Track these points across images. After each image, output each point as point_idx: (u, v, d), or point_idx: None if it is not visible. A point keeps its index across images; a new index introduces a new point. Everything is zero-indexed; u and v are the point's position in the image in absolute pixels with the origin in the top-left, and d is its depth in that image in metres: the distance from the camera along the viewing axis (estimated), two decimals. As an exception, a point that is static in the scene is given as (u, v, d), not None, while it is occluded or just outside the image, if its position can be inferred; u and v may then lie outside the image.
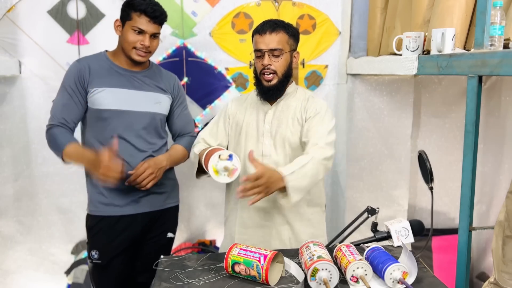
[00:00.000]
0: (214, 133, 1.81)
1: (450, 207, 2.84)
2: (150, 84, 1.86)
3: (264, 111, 1.76)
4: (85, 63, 1.80)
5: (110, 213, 1.82)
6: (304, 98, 1.76)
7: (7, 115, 2.38)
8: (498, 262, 1.60)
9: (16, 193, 2.46)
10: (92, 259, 1.85)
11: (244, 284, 1.30)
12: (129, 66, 1.84)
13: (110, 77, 1.80)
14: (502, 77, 2.57)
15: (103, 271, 1.87)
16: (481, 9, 1.55)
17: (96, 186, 1.82)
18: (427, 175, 1.55)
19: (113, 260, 1.85)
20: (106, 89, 1.78)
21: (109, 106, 1.78)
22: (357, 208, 2.59)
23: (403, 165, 2.71)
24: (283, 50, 1.67)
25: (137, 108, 1.82)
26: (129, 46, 1.76)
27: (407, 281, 1.25)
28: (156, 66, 1.96)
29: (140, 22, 1.73)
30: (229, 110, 1.82)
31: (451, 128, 2.79)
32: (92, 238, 1.87)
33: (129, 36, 1.75)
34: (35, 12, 2.35)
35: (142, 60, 1.80)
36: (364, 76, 2.60)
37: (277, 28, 1.67)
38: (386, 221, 1.53)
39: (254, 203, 1.45)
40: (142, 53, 1.77)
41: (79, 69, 1.78)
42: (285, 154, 1.71)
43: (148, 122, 1.84)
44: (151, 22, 1.74)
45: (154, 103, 1.86)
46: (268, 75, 1.67)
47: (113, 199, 1.82)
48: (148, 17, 1.73)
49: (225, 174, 1.50)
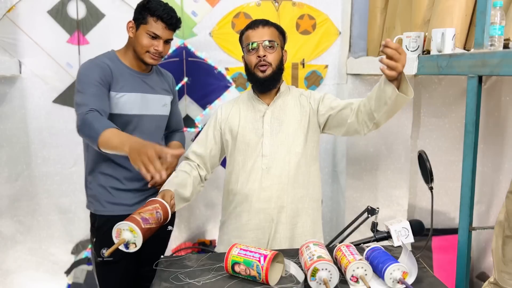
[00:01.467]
0: (203, 142, 1.80)
1: (450, 207, 2.84)
2: (157, 87, 1.90)
3: (261, 112, 1.75)
4: (103, 63, 1.76)
5: (119, 212, 1.82)
6: (299, 94, 1.81)
7: (7, 115, 2.39)
8: (498, 262, 1.60)
9: (16, 193, 2.46)
10: (102, 257, 1.85)
11: (244, 284, 1.30)
12: (138, 68, 1.85)
13: (126, 81, 1.79)
14: (502, 77, 2.57)
15: (112, 268, 1.87)
16: (481, 9, 1.55)
17: (104, 186, 1.83)
18: (427, 175, 1.55)
19: (124, 256, 1.85)
20: (126, 94, 1.77)
21: (128, 111, 1.78)
22: (357, 208, 2.59)
23: (403, 165, 2.71)
24: (276, 42, 1.70)
25: (149, 111, 1.85)
26: (143, 49, 1.76)
27: (407, 281, 1.25)
28: (156, 67, 1.97)
29: (156, 28, 1.73)
30: (219, 117, 1.81)
31: (451, 128, 2.79)
32: (102, 236, 1.86)
33: (143, 40, 1.75)
34: (35, 12, 2.35)
35: (154, 63, 1.81)
36: (364, 76, 2.59)
37: (268, 24, 1.73)
38: (386, 221, 1.53)
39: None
40: (155, 57, 1.78)
41: (101, 67, 1.73)
42: (286, 152, 1.71)
43: (157, 125, 1.88)
44: (166, 28, 1.75)
45: (162, 106, 1.90)
46: (263, 66, 1.68)
47: (121, 199, 1.83)
48: (165, 24, 1.74)
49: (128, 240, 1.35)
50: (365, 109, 1.58)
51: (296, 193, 1.72)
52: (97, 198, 1.86)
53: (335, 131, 1.76)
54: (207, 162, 1.80)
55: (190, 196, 1.70)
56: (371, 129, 1.62)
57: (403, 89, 1.46)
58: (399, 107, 1.52)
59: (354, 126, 1.64)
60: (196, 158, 1.79)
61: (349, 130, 1.67)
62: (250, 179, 1.71)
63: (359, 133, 1.66)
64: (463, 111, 1.61)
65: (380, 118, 1.56)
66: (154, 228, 1.41)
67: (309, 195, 1.75)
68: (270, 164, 1.70)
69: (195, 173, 1.75)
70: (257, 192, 1.70)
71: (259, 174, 1.70)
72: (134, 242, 1.34)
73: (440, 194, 2.80)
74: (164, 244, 2.01)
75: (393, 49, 1.36)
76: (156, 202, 1.48)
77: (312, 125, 1.76)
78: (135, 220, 1.35)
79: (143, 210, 1.42)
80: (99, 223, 1.87)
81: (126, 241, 1.33)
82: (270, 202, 1.70)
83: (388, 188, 2.73)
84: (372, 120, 1.58)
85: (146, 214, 1.40)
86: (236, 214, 1.76)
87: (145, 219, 1.37)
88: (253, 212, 1.71)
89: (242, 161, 1.74)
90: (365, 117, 1.59)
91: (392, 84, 1.44)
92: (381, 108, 1.52)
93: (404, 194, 2.75)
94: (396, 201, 2.75)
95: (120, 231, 1.34)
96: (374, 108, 1.54)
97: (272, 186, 1.69)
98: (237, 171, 1.75)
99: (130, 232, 1.33)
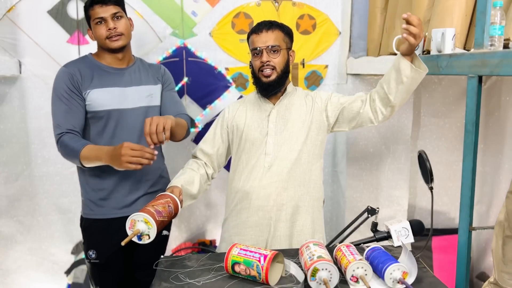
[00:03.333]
0: (211, 140, 1.83)
1: (450, 207, 2.84)
2: (139, 78, 1.87)
3: (267, 111, 1.77)
4: (73, 67, 1.80)
5: (104, 216, 1.83)
6: (305, 94, 1.82)
7: (7, 115, 2.38)
8: (498, 262, 1.60)
9: (16, 193, 2.46)
10: (90, 258, 1.86)
11: (244, 284, 1.30)
12: (115, 64, 1.84)
13: (99, 78, 1.80)
14: (502, 77, 2.57)
15: (102, 270, 1.87)
16: (481, 9, 1.55)
17: (91, 188, 1.83)
18: (427, 175, 1.55)
19: (111, 259, 1.86)
20: (97, 90, 1.78)
21: (103, 107, 1.78)
22: (357, 208, 2.60)
23: (403, 165, 2.71)
24: (280, 46, 1.70)
25: (130, 105, 1.82)
26: (102, 39, 1.78)
27: (407, 281, 1.24)
28: (140, 60, 1.96)
29: (96, 13, 1.76)
30: (226, 116, 1.84)
31: (451, 128, 2.79)
32: (88, 238, 1.88)
33: (96, 31, 1.78)
34: (35, 12, 2.35)
35: (119, 44, 1.79)
36: (364, 76, 2.59)
37: (273, 27, 1.71)
38: (386, 221, 1.53)
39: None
40: (114, 37, 1.77)
41: (70, 74, 1.77)
42: (288, 151, 1.72)
43: (144, 117, 1.82)
44: (103, 6, 1.76)
45: (146, 97, 1.86)
46: (267, 70, 1.69)
47: (109, 202, 1.83)
48: (98, 3, 1.76)
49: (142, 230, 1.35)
50: (378, 95, 1.67)
51: (296, 191, 1.72)
52: (85, 201, 1.87)
53: (346, 125, 1.79)
54: (214, 161, 1.83)
55: (197, 194, 1.73)
56: (386, 115, 1.70)
57: (417, 66, 1.57)
58: (414, 85, 1.62)
59: (368, 115, 1.72)
60: (203, 156, 1.82)
61: (363, 120, 1.74)
62: (251, 177, 1.72)
63: (373, 122, 1.73)
64: (463, 111, 1.61)
65: (396, 100, 1.63)
66: (166, 221, 1.42)
67: (310, 193, 1.75)
68: (272, 162, 1.71)
69: (202, 171, 1.78)
70: (257, 190, 1.71)
71: (260, 172, 1.72)
72: (148, 234, 1.34)
73: (440, 194, 2.80)
74: (160, 249, 1.97)
75: (417, 23, 1.48)
76: (167, 197, 1.48)
77: (317, 123, 1.77)
78: (149, 212, 1.35)
79: (155, 203, 1.42)
80: (85, 224, 1.88)
81: (140, 232, 1.32)
82: (269, 199, 1.70)
83: (388, 188, 2.73)
84: (388, 104, 1.66)
85: (159, 207, 1.40)
86: (237, 211, 1.77)
87: (158, 212, 1.37)
88: (253, 209, 1.72)
89: (246, 159, 1.75)
90: (379, 103, 1.68)
91: (407, 60, 1.55)
92: (397, 88, 1.60)
93: (404, 194, 2.75)
94: (396, 201, 2.75)
95: (135, 222, 1.33)
96: (389, 91, 1.62)
97: (272, 184, 1.70)
98: (241, 169, 1.76)
99: (145, 224, 1.32)
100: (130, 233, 1.32)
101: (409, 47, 1.53)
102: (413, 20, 1.48)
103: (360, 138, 2.68)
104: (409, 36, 1.49)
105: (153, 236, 1.34)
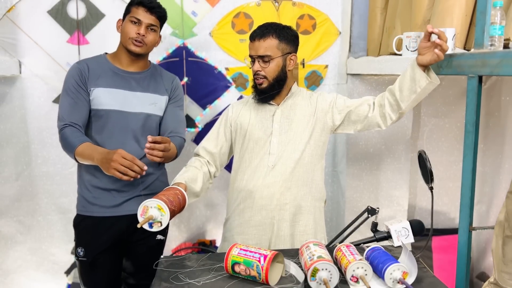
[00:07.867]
0: (214, 139, 1.84)
1: (450, 207, 2.84)
2: (147, 85, 1.87)
3: (271, 111, 1.77)
4: (84, 64, 1.83)
5: (95, 214, 1.83)
6: (309, 95, 1.82)
7: (7, 115, 2.38)
8: (498, 262, 1.60)
9: (16, 193, 2.46)
10: (78, 256, 1.86)
11: (244, 284, 1.30)
12: (128, 67, 1.85)
13: (106, 77, 1.82)
14: (502, 77, 2.57)
15: (90, 269, 1.86)
16: (481, 9, 1.55)
17: (85, 185, 1.84)
18: (427, 175, 1.55)
19: (98, 258, 1.84)
20: (101, 89, 1.79)
21: (105, 106, 1.79)
22: (357, 208, 2.60)
23: (403, 165, 2.71)
24: (272, 56, 1.69)
25: (132, 109, 1.82)
26: (127, 37, 1.79)
27: (407, 281, 1.25)
28: (156, 67, 1.96)
29: (137, 13, 1.79)
30: (229, 115, 1.84)
31: (451, 128, 2.79)
32: (78, 235, 1.88)
33: (126, 27, 1.80)
34: (35, 12, 2.35)
35: (138, 50, 1.80)
36: (364, 76, 2.59)
37: (266, 34, 1.69)
38: (386, 221, 1.53)
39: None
40: (138, 43, 1.79)
41: (79, 69, 1.80)
42: (292, 150, 1.72)
43: (143, 123, 1.84)
44: (147, 12, 1.79)
45: (149, 104, 1.86)
46: (258, 80, 1.72)
47: (100, 201, 1.83)
48: (145, 7, 1.78)
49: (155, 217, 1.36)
50: (388, 102, 1.69)
51: (299, 190, 1.73)
52: (78, 198, 1.88)
53: (351, 127, 1.79)
54: (217, 159, 1.83)
55: (200, 192, 1.73)
56: (394, 120, 1.72)
57: (430, 77, 1.59)
58: (424, 95, 1.65)
59: (376, 119, 1.73)
60: (206, 154, 1.82)
61: (370, 124, 1.75)
62: (255, 176, 1.73)
63: (380, 127, 1.75)
64: (463, 111, 1.61)
65: (406, 108, 1.67)
66: (176, 212, 1.42)
67: (312, 193, 1.76)
68: (276, 162, 1.71)
69: (205, 169, 1.78)
70: (260, 189, 1.71)
71: (264, 171, 1.72)
72: (160, 221, 1.34)
73: (440, 194, 2.80)
74: (155, 254, 1.89)
75: (446, 39, 1.52)
76: (175, 189, 1.49)
77: (321, 124, 1.77)
78: (162, 199, 1.35)
79: (166, 193, 1.43)
80: (76, 221, 1.88)
81: (153, 218, 1.32)
82: (272, 199, 1.71)
83: (388, 188, 2.73)
84: (398, 111, 1.68)
85: (170, 197, 1.40)
86: (239, 210, 1.77)
87: (170, 201, 1.38)
88: (256, 208, 1.73)
89: (249, 159, 1.75)
90: (389, 109, 1.69)
91: (424, 72, 1.57)
92: (410, 97, 1.63)
93: (404, 194, 2.75)
94: (396, 201, 2.75)
95: (147, 208, 1.33)
96: (401, 98, 1.65)
97: (275, 184, 1.70)
98: (244, 168, 1.77)
99: (158, 210, 1.32)
100: (142, 220, 1.32)
101: (434, 62, 1.55)
102: (444, 37, 1.49)
103: (360, 138, 2.68)
104: (441, 52, 1.50)
105: (165, 223, 1.34)
